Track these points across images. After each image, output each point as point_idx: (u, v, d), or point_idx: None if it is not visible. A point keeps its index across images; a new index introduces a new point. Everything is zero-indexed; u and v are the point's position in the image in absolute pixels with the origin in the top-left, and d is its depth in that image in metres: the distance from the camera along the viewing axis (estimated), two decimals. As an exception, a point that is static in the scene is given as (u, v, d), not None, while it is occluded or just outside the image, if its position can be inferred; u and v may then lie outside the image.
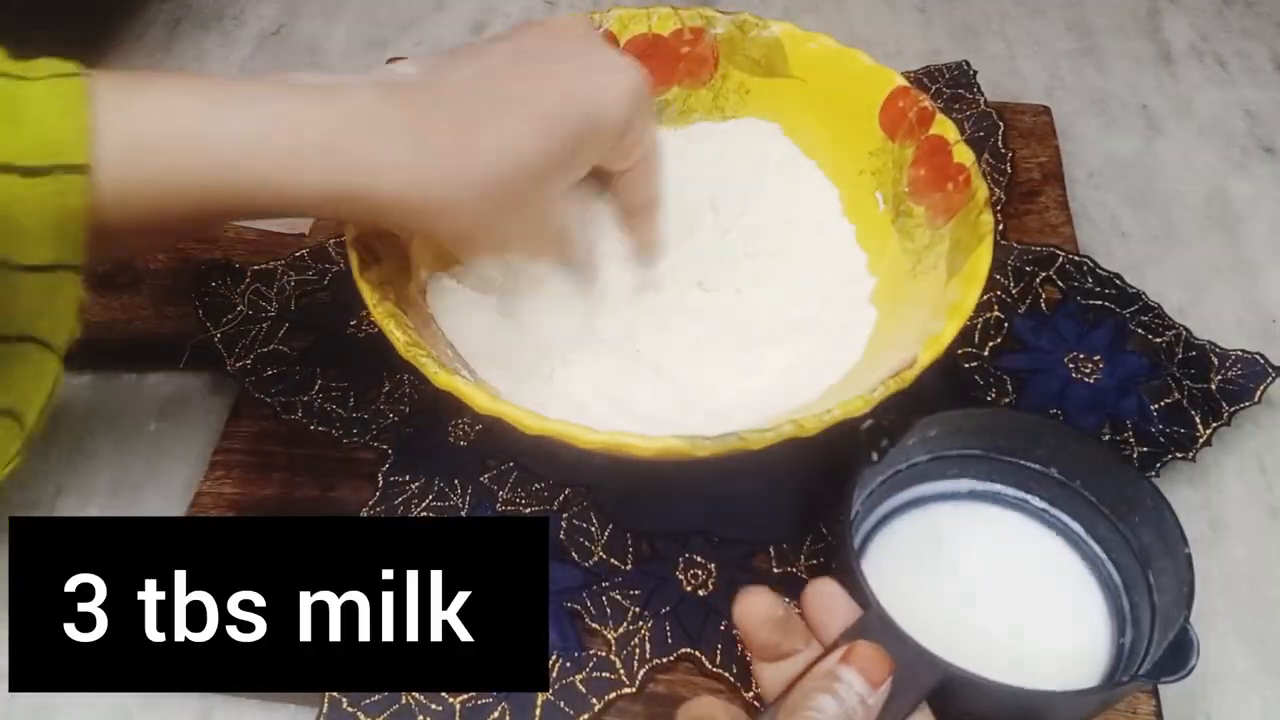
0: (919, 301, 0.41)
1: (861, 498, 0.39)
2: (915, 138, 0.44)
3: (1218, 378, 0.48)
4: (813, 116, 0.48)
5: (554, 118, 0.36)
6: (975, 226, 0.40)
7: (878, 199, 0.46)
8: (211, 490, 0.46)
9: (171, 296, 0.53)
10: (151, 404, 0.51)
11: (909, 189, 0.44)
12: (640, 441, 0.33)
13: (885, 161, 0.46)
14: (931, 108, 0.44)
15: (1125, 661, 0.37)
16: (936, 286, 0.40)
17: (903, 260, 0.44)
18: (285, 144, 0.32)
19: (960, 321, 0.36)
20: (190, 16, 0.74)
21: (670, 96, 0.50)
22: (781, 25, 0.48)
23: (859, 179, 0.47)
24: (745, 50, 0.49)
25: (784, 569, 0.43)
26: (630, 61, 0.39)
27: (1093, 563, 0.40)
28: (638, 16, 0.49)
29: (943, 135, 0.43)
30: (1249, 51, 0.70)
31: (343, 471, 0.46)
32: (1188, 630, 0.33)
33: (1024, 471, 0.41)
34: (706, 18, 0.49)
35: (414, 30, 0.73)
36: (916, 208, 0.44)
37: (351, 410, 0.48)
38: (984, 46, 0.70)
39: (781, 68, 0.48)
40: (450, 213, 0.35)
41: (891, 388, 0.34)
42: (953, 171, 0.42)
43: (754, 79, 0.49)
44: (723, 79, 0.50)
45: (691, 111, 0.50)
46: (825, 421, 0.34)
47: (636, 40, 0.49)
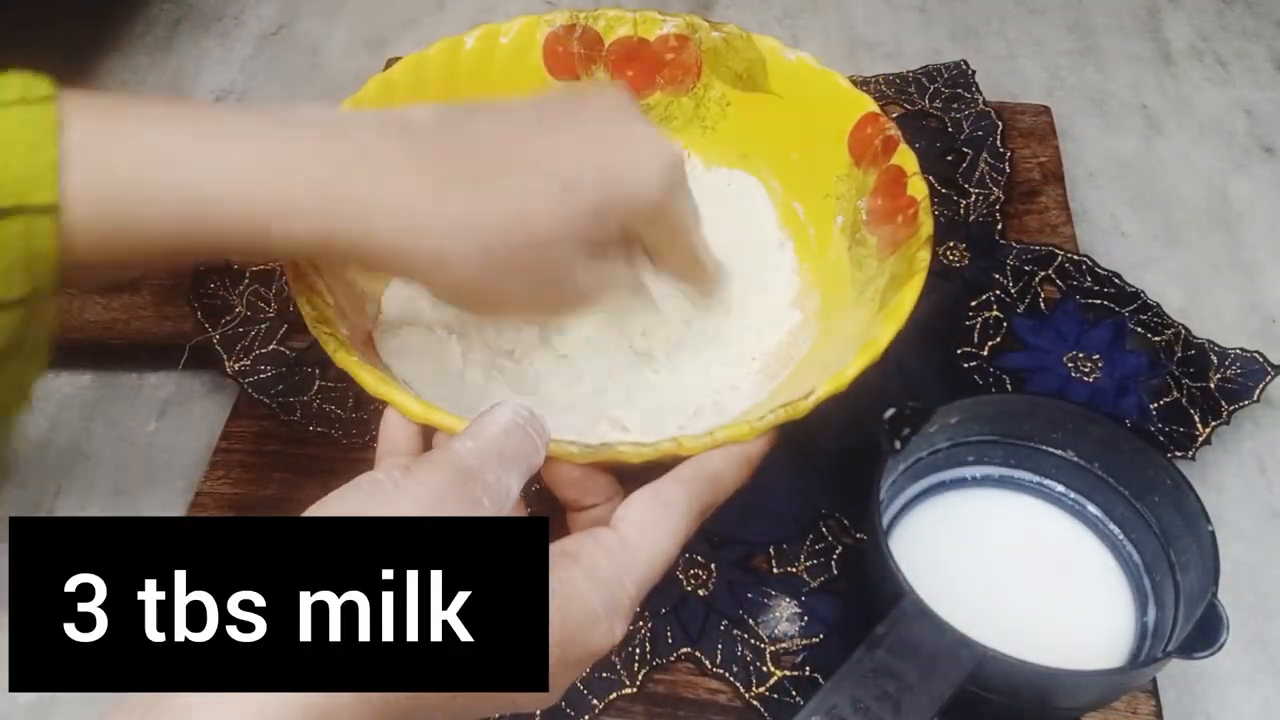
0: (848, 334, 0.40)
1: (885, 486, 0.39)
2: (878, 165, 0.44)
3: (1217, 376, 0.48)
4: (787, 135, 0.48)
5: (575, 185, 0.34)
6: (911, 262, 0.39)
7: (837, 223, 0.45)
8: (211, 490, 0.46)
9: (171, 297, 0.53)
10: (151, 404, 0.51)
11: (866, 218, 0.44)
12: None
13: (850, 187, 0.45)
14: (896, 136, 0.43)
15: (1150, 640, 0.38)
16: (867, 320, 0.39)
17: (849, 290, 0.43)
18: (273, 183, 0.30)
19: (867, 358, 0.35)
20: (190, 16, 0.74)
21: (652, 102, 0.50)
22: (766, 40, 0.47)
23: (824, 202, 0.46)
24: (728, 62, 0.48)
25: (784, 569, 0.43)
26: (666, 139, 0.37)
27: (1113, 544, 0.40)
28: (624, 19, 0.49)
29: (902, 166, 0.42)
30: (1249, 51, 0.70)
31: (343, 471, 0.46)
32: (1215, 605, 0.34)
33: (1043, 456, 0.41)
34: (692, 25, 0.48)
35: (414, 30, 0.73)
36: (870, 238, 0.43)
37: (351, 411, 0.48)
38: (984, 46, 0.70)
39: (762, 83, 0.48)
40: (451, 267, 0.33)
41: (781, 417, 0.33)
42: (904, 204, 0.41)
43: (735, 91, 0.49)
44: (705, 89, 0.49)
45: (672, 119, 0.50)
46: (704, 444, 0.33)
47: (620, 43, 0.49)
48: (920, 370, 0.48)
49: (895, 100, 0.62)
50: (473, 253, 0.32)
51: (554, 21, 0.48)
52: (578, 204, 0.34)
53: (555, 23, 0.48)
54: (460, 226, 0.32)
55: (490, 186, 0.33)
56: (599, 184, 0.34)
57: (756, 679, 0.40)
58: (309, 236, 0.31)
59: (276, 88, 0.69)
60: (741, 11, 0.73)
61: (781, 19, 0.73)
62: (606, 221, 0.35)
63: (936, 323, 0.50)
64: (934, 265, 0.40)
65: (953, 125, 0.60)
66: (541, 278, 0.35)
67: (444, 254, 0.32)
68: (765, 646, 0.40)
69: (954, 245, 0.54)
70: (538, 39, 0.48)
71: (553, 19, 0.48)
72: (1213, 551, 0.35)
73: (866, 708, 0.32)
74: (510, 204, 0.33)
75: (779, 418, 0.33)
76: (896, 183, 0.42)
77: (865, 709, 0.32)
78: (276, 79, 0.69)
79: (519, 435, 0.30)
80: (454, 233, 0.32)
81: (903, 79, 0.63)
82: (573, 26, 0.48)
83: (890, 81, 0.63)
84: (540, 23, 0.48)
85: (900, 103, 0.61)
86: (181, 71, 0.70)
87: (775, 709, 0.39)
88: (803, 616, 0.41)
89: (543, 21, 0.48)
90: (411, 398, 0.34)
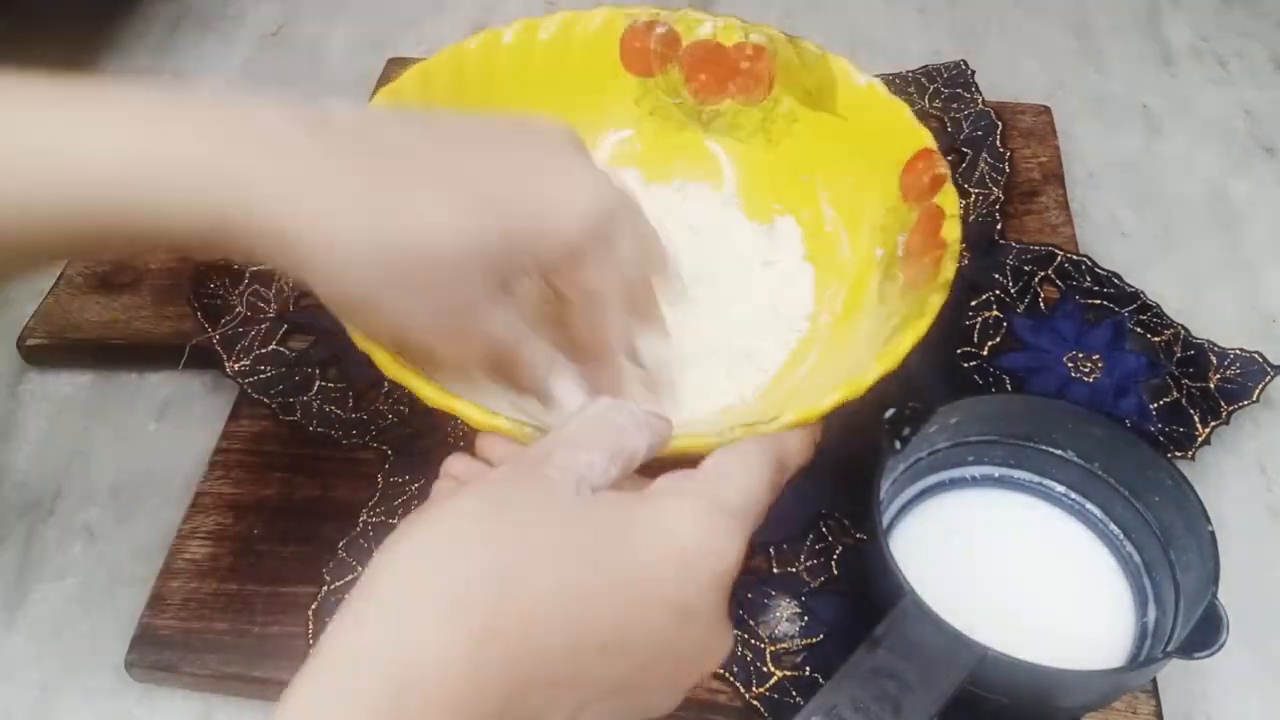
0: (842, 368, 0.40)
1: (885, 486, 0.39)
2: (922, 202, 0.43)
3: (1216, 376, 0.48)
4: (847, 160, 0.47)
5: (490, 204, 0.31)
6: (921, 306, 0.38)
7: (876, 255, 0.45)
8: (211, 490, 0.46)
9: (171, 297, 0.53)
10: (151, 404, 0.51)
11: (902, 253, 0.43)
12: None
13: (894, 220, 0.45)
14: (944, 174, 0.43)
15: (1150, 640, 0.38)
16: (869, 354, 0.39)
17: (868, 321, 0.43)
18: (153, 164, 0.28)
19: (845, 395, 0.35)
20: (190, 16, 0.74)
21: (722, 109, 0.50)
22: (840, 61, 0.47)
23: (869, 233, 0.46)
24: (800, 78, 0.48)
25: (784, 569, 0.43)
26: (608, 187, 0.34)
27: (1113, 544, 0.40)
28: (703, 21, 0.49)
29: (943, 206, 0.42)
30: (1249, 51, 0.70)
31: (343, 472, 0.46)
32: (1215, 605, 0.34)
33: (1043, 456, 0.41)
34: (770, 37, 0.48)
35: (414, 30, 0.73)
36: (900, 274, 0.43)
37: (350, 411, 0.48)
38: (984, 46, 0.70)
39: (829, 103, 0.47)
40: (336, 272, 0.30)
41: (739, 435, 0.34)
42: (936, 245, 0.41)
43: (801, 109, 0.49)
44: (775, 103, 0.49)
45: (739, 128, 0.50)
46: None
47: (698, 45, 0.49)
48: (920, 370, 0.48)
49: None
50: (365, 255, 0.30)
51: (636, 16, 0.49)
52: (488, 225, 0.31)
53: (637, 18, 0.49)
54: (351, 225, 0.30)
55: (398, 194, 0.30)
56: (518, 208, 0.32)
57: (756, 679, 0.40)
58: (192, 227, 0.29)
59: (276, 88, 0.69)
60: (742, 10, 0.73)
61: (782, 19, 0.73)
62: (519, 255, 0.32)
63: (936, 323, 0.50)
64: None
65: (952, 125, 0.60)
66: (441, 303, 0.32)
67: (333, 252, 0.30)
68: (765, 646, 0.40)
69: (954, 245, 0.54)
70: (617, 32, 0.49)
71: (635, 13, 0.49)
72: (1213, 551, 0.35)
73: (866, 708, 0.32)
74: (415, 213, 0.30)
75: (741, 434, 0.33)
76: (935, 222, 0.42)
77: (865, 709, 0.32)
78: (276, 79, 0.69)
79: (596, 422, 0.31)
80: (343, 231, 0.29)
81: (902, 79, 0.63)
82: (653, 23, 0.49)
83: (890, 81, 0.62)
84: (622, 16, 0.49)
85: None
86: (181, 71, 0.70)
87: (775, 709, 0.39)
88: (803, 616, 0.41)
89: (624, 15, 0.49)
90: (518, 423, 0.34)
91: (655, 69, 0.50)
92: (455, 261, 0.31)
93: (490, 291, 0.32)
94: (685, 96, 0.50)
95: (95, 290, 0.53)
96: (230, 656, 0.41)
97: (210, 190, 0.28)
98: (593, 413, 0.31)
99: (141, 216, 0.28)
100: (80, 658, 0.43)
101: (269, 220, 0.29)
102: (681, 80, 0.50)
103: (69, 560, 0.46)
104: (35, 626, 0.44)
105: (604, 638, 0.27)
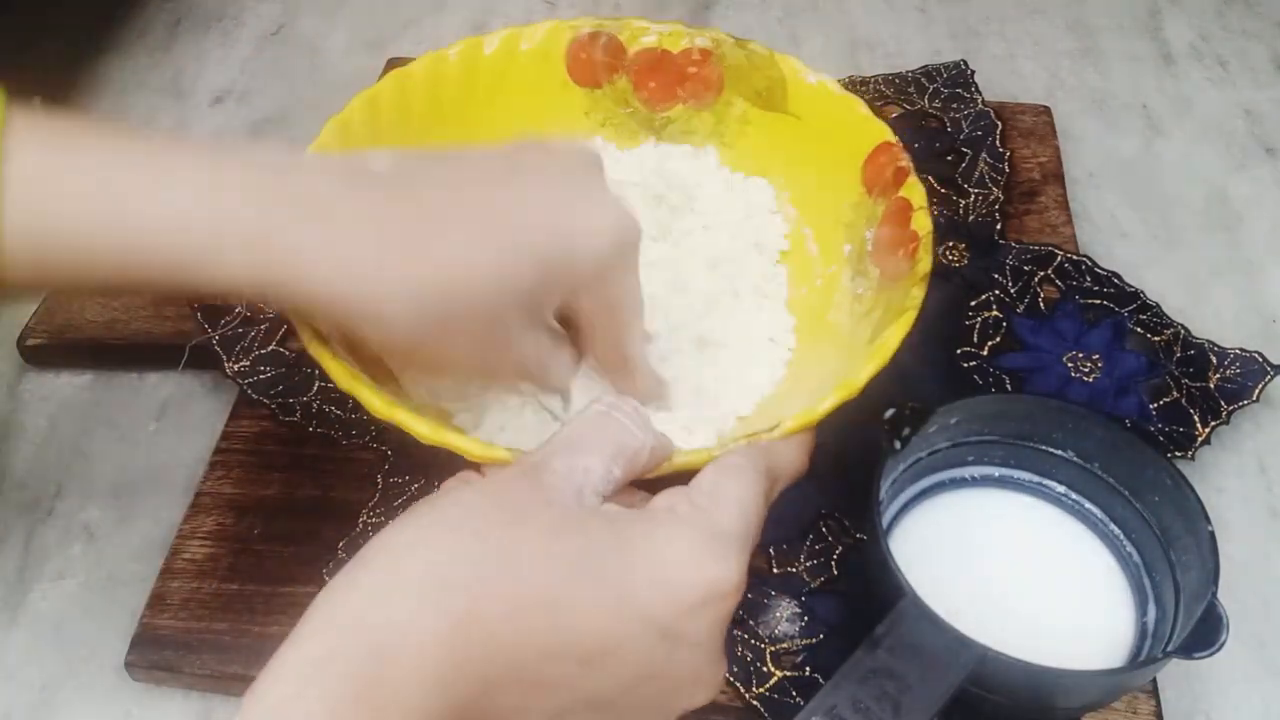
0: (830, 368, 0.40)
1: (885, 486, 0.39)
2: (887, 196, 0.43)
3: (1216, 376, 0.48)
4: (804, 157, 0.47)
5: (525, 241, 0.33)
6: (904, 299, 0.38)
7: (844, 251, 0.45)
8: (211, 490, 0.46)
9: (171, 297, 0.53)
10: (151, 404, 0.51)
11: (871, 248, 0.43)
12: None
13: (860, 216, 0.45)
14: (907, 167, 0.43)
15: (1150, 640, 0.38)
16: (855, 355, 0.39)
17: (845, 321, 0.43)
18: (207, 227, 0.29)
19: (841, 397, 0.35)
20: (190, 16, 0.74)
21: (673, 115, 0.50)
22: (789, 60, 0.47)
23: (834, 229, 0.46)
24: (750, 80, 0.48)
25: (784, 569, 0.43)
26: (626, 207, 0.35)
27: (1113, 544, 0.40)
28: (648, 30, 0.49)
29: (909, 199, 0.42)
30: (1249, 51, 0.70)
31: (343, 472, 0.46)
32: (1215, 605, 0.34)
33: (1043, 456, 0.41)
34: (717, 40, 0.48)
35: (414, 30, 0.73)
36: (873, 269, 0.43)
37: (350, 412, 0.48)
38: (984, 46, 0.70)
39: (781, 103, 0.47)
40: (385, 319, 0.32)
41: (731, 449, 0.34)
42: (908, 238, 0.41)
43: (754, 110, 0.49)
44: (726, 105, 0.49)
45: (693, 133, 0.50)
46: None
47: (644, 53, 0.49)
48: (920, 370, 0.48)
49: (895, 100, 0.62)
50: (409, 305, 0.31)
51: (578, 28, 0.48)
52: (523, 266, 0.33)
53: (580, 29, 0.48)
54: (396, 276, 0.31)
55: (434, 236, 0.32)
56: (548, 249, 0.33)
57: (756, 679, 0.40)
58: (245, 282, 0.30)
59: (277, 88, 0.69)
60: (741, 11, 0.73)
61: (782, 19, 0.73)
62: (551, 290, 0.35)
63: (936, 323, 0.50)
64: (934, 265, 0.40)
65: (952, 125, 0.60)
66: (478, 340, 0.34)
67: (379, 306, 0.31)
68: (765, 646, 0.40)
69: (954, 245, 0.54)
70: (561, 45, 0.48)
71: (578, 24, 0.48)
72: (1213, 551, 0.35)
73: (866, 708, 0.32)
74: (453, 253, 0.32)
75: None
76: (903, 215, 0.42)
77: (865, 709, 0.32)
78: (276, 79, 0.69)
79: (596, 424, 0.31)
80: (389, 281, 0.31)
81: (902, 79, 0.63)
82: (597, 34, 0.48)
83: (890, 81, 0.63)
84: (565, 29, 0.48)
85: (900, 103, 0.61)
86: (181, 71, 0.70)
87: (775, 709, 0.39)
88: (803, 616, 0.41)
89: (567, 27, 0.48)
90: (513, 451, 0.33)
91: (602, 80, 0.49)
92: (493, 305, 0.33)
93: (523, 322, 0.35)
94: (636, 105, 0.50)
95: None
96: (230, 656, 0.41)
97: (258, 254, 0.30)
98: (594, 412, 0.32)
99: (200, 272, 0.30)
100: (80, 658, 0.43)
101: (315, 283, 0.31)
102: (631, 89, 0.50)
103: (69, 560, 0.46)
104: (35, 626, 0.44)
105: (586, 649, 0.27)
